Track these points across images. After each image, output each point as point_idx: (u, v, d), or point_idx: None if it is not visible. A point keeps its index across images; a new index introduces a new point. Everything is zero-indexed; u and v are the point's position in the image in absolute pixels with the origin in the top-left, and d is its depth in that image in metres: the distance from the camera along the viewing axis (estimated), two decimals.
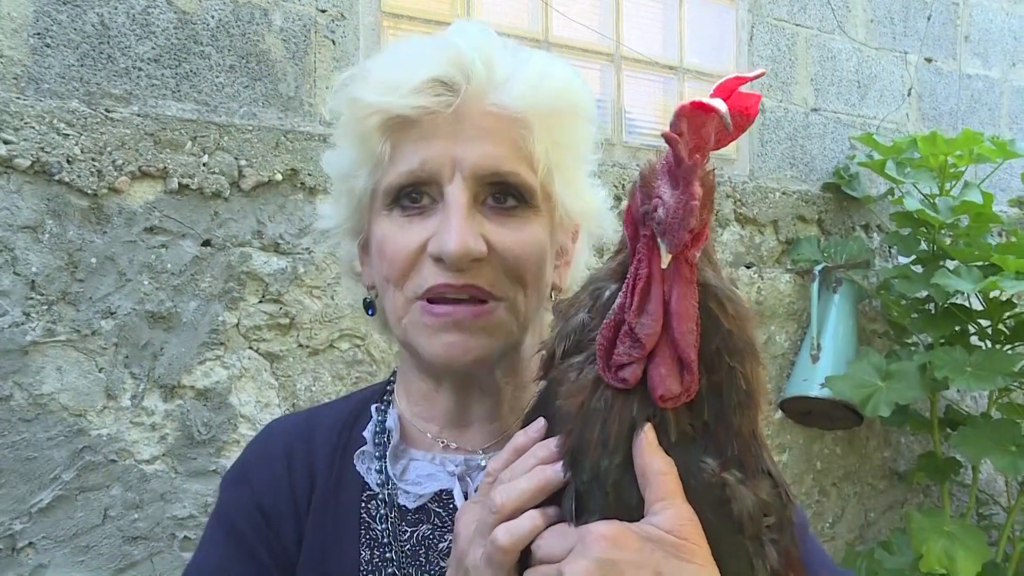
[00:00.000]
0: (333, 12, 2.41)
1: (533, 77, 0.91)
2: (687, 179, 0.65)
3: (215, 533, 0.99)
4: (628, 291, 0.71)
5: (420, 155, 0.88)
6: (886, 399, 2.95)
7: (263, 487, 0.98)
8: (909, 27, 3.89)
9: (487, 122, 0.89)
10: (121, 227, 2.07)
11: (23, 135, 1.96)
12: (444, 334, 0.88)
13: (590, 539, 0.68)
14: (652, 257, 0.70)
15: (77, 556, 2.05)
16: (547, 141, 0.92)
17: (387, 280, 0.91)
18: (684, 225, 0.65)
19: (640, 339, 0.70)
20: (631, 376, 0.70)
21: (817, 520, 3.55)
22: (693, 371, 0.70)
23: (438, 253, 0.86)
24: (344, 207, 0.98)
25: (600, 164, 3.14)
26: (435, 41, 0.93)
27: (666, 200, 0.66)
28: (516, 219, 0.91)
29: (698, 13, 3.29)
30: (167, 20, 2.15)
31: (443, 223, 0.87)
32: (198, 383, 2.19)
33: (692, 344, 0.70)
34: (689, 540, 0.69)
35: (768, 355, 3.40)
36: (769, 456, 0.76)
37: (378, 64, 0.92)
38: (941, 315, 3.24)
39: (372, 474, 0.97)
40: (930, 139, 3.19)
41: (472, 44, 0.90)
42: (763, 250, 3.37)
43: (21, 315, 1.96)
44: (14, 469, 1.97)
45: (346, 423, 1.02)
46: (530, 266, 0.91)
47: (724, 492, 0.70)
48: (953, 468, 3.38)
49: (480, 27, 0.95)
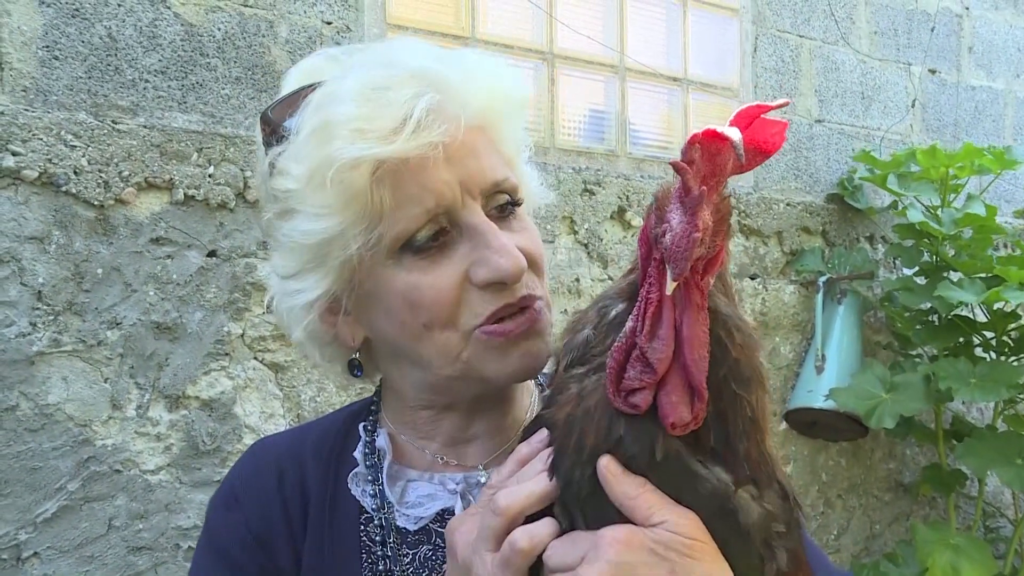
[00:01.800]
0: (338, 24, 2.43)
1: (486, 80, 0.89)
2: (692, 209, 0.65)
3: (207, 560, 0.96)
4: (639, 315, 0.71)
5: (430, 192, 0.83)
6: (890, 411, 2.95)
7: (254, 511, 0.95)
8: (913, 39, 3.90)
9: (468, 137, 0.86)
10: (127, 238, 2.08)
11: (31, 147, 1.97)
12: (516, 348, 0.87)
13: (603, 543, 0.69)
14: (662, 281, 0.69)
15: (82, 566, 2.05)
16: (510, 139, 0.92)
17: (427, 326, 0.86)
18: (686, 255, 0.64)
19: (652, 364, 0.69)
20: (642, 402, 0.70)
21: (822, 532, 3.54)
22: (704, 398, 0.69)
23: (496, 278, 0.84)
24: (325, 276, 0.88)
25: (604, 175, 3.14)
26: (387, 69, 0.86)
27: (674, 226, 0.65)
28: (518, 220, 0.92)
29: (702, 25, 3.30)
30: (174, 33, 2.16)
31: (482, 248, 0.85)
32: (203, 393, 2.19)
33: (704, 371, 0.69)
34: (698, 539, 0.69)
35: (772, 366, 3.40)
36: (779, 467, 0.76)
37: (342, 115, 0.82)
38: (945, 327, 3.25)
39: (367, 497, 0.94)
40: (930, 152, 3.19)
41: (426, 58, 0.88)
42: (767, 261, 3.38)
43: (28, 325, 1.98)
44: (20, 479, 1.98)
45: (335, 442, 0.99)
46: (543, 260, 0.93)
47: (729, 502, 0.70)
48: (959, 480, 3.37)
49: (413, 41, 0.93)
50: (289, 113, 0.88)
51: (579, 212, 2.87)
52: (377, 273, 0.87)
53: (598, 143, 3.06)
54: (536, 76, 2.92)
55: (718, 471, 0.71)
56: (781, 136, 0.70)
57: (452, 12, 2.74)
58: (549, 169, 2.81)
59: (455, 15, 2.74)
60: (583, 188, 2.89)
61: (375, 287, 0.88)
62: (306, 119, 0.85)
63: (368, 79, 0.84)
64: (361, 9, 2.48)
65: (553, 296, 2.78)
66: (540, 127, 2.90)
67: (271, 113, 0.90)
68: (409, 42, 0.94)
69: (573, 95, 3.01)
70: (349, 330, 0.93)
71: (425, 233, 0.85)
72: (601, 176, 2.95)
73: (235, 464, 1.03)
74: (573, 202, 2.86)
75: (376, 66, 0.87)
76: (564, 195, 2.83)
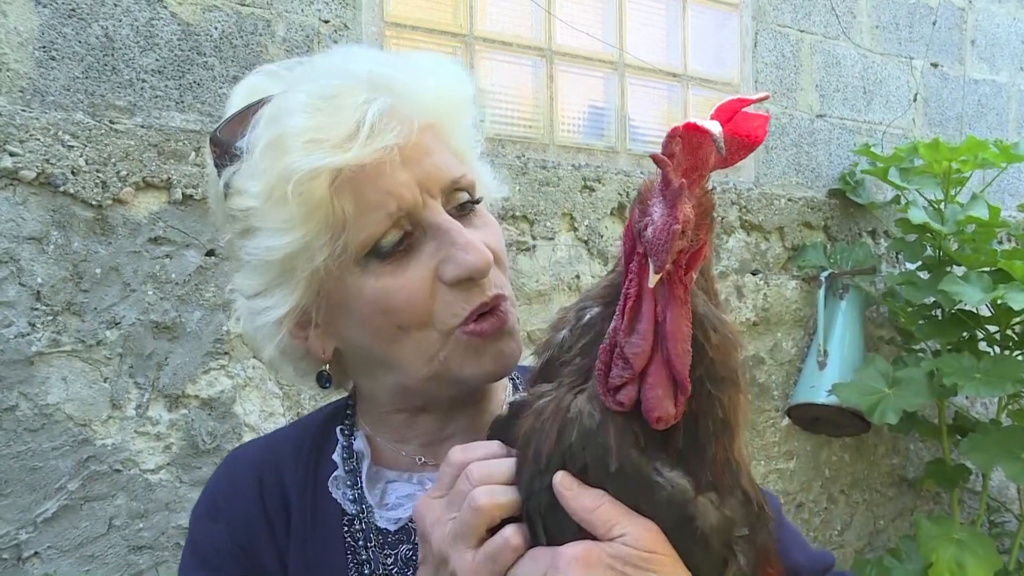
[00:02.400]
0: (336, 22, 2.42)
1: (431, 77, 0.90)
2: (673, 201, 0.65)
3: (193, 571, 0.96)
4: (620, 311, 0.71)
5: (390, 196, 0.83)
6: (893, 406, 2.94)
7: (238, 521, 0.95)
8: (915, 32, 3.88)
9: (421, 137, 0.86)
10: (125, 238, 2.08)
11: (28, 147, 1.97)
12: (491, 348, 0.87)
13: (562, 561, 0.69)
14: (643, 276, 0.70)
15: (83, 565, 2.05)
16: (461, 135, 0.93)
17: (402, 328, 0.86)
18: (667, 247, 0.64)
19: (628, 359, 0.69)
20: (626, 398, 0.69)
21: (825, 527, 3.53)
22: (687, 391, 0.69)
23: (465, 274, 0.84)
24: (293, 291, 0.87)
25: (604, 171, 3.13)
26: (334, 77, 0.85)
27: (655, 220, 0.65)
28: (478, 216, 0.92)
29: (702, 20, 3.29)
30: (171, 32, 2.16)
31: (448, 246, 0.85)
32: (203, 392, 2.19)
33: (687, 365, 0.69)
34: (657, 552, 0.69)
35: (775, 362, 3.39)
36: (747, 475, 0.76)
37: (294, 128, 0.81)
38: (948, 321, 3.23)
39: (347, 501, 0.94)
40: (932, 146, 3.17)
41: (371, 62, 0.87)
42: (769, 257, 3.37)
43: (26, 325, 1.98)
44: (20, 479, 1.98)
45: (312, 447, 0.99)
46: (505, 256, 0.93)
47: (687, 509, 0.70)
48: (962, 475, 3.35)
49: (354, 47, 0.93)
50: (240, 132, 0.87)
51: (579, 209, 2.86)
52: (345, 282, 0.86)
53: (598, 139, 3.06)
54: (535, 73, 2.91)
55: (675, 477, 0.70)
56: (763, 129, 0.70)
57: (451, 9, 2.73)
58: (548, 166, 2.80)
59: (453, 12, 2.73)
60: (583, 185, 2.88)
61: (344, 297, 0.87)
62: (258, 135, 0.84)
63: (317, 89, 0.84)
64: (359, 7, 2.47)
65: (553, 293, 2.78)
66: (539, 124, 2.90)
67: (219, 134, 0.89)
68: (350, 49, 0.93)
69: (572, 92, 3.00)
70: (320, 343, 0.92)
71: (390, 239, 0.85)
72: (601, 173, 2.94)
73: (212, 475, 1.02)
74: (573, 199, 2.85)
75: (322, 76, 0.86)
76: (564, 192, 2.83)
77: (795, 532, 1.05)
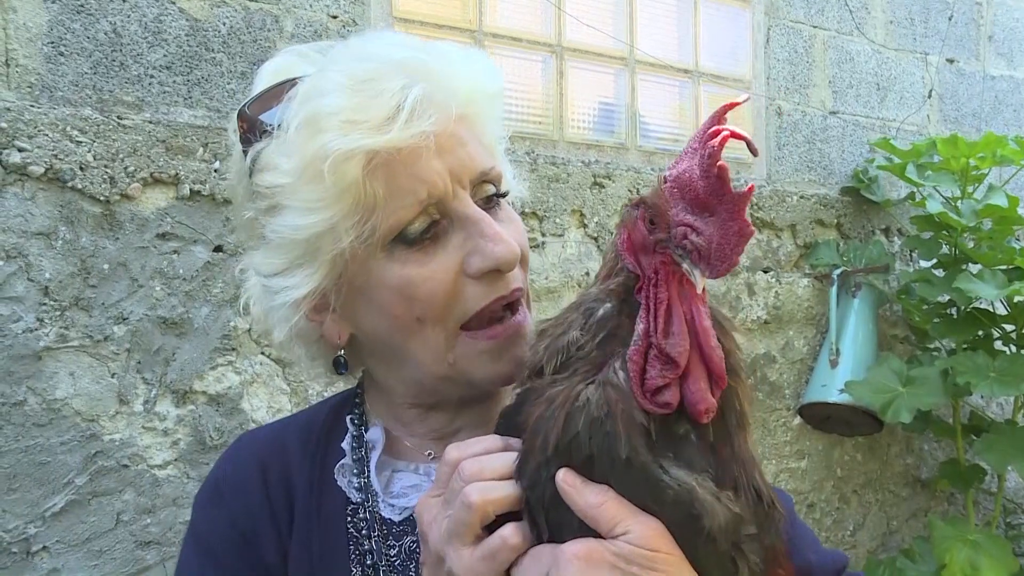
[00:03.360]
0: (344, 18, 2.42)
1: (466, 67, 0.89)
2: (739, 207, 0.68)
3: (193, 558, 0.96)
4: (650, 316, 0.72)
5: (422, 183, 0.83)
6: (907, 405, 2.91)
7: (239, 507, 0.94)
8: (930, 28, 3.84)
9: (455, 127, 0.86)
10: (133, 233, 2.09)
11: (37, 143, 1.98)
12: (505, 354, 0.87)
13: (563, 560, 0.68)
14: (671, 281, 0.72)
15: (90, 560, 2.06)
16: (492, 129, 0.93)
17: (420, 320, 0.85)
18: (735, 252, 0.68)
19: (673, 358, 0.71)
20: (672, 398, 0.71)
21: (837, 528, 3.50)
22: (724, 383, 0.72)
23: (492, 265, 0.84)
24: (315, 271, 0.86)
25: (614, 168, 3.11)
26: (371, 61, 0.85)
27: (702, 229, 0.68)
28: (504, 211, 0.91)
29: (713, 16, 3.27)
30: (179, 28, 2.16)
31: (476, 238, 0.84)
32: (210, 388, 2.19)
33: (721, 357, 0.72)
34: (661, 551, 0.68)
35: (786, 360, 3.36)
36: (760, 471, 0.76)
37: (332, 107, 0.81)
38: (963, 319, 3.19)
39: (352, 489, 0.94)
40: (951, 141, 3.14)
41: (408, 48, 0.87)
42: (781, 254, 3.34)
43: (35, 321, 1.98)
44: (28, 473, 1.99)
45: (320, 435, 0.99)
46: (528, 251, 0.93)
47: (693, 507, 0.69)
48: (977, 476, 3.32)
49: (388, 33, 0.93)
50: (270, 109, 0.86)
51: (589, 205, 2.85)
52: (369, 267, 0.85)
53: (608, 136, 3.04)
54: (544, 69, 2.90)
55: (681, 475, 0.70)
56: None
57: (459, 5, 2.72)
58: (558, 162, 2.79)
59: (462, 8, 2.72)
60: (593, 181, 2.86)
61: (366, 282, 0.86)
62: (293, 113, 0.83)
63: (353, 71, 0.83)
64: (367, 3, 2.47)
65: (563, 290, 2.77)
66: (549, 120, 2.89)
67: (248, 110, 0.89)
68: (383, 34, 0.94)
69: (582, 88, 2.98)
70: (336, 327, 0.91)
71: (418, 225, 0.84)
72: (611, 169, 2.92)
73: (218, 460, 1.02)
74: (583, 195, 2.84)
75: (358, 59, 0.86)
76: (574, 188, 2.81)
77: (807, 531, 1.03)
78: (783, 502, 0.97)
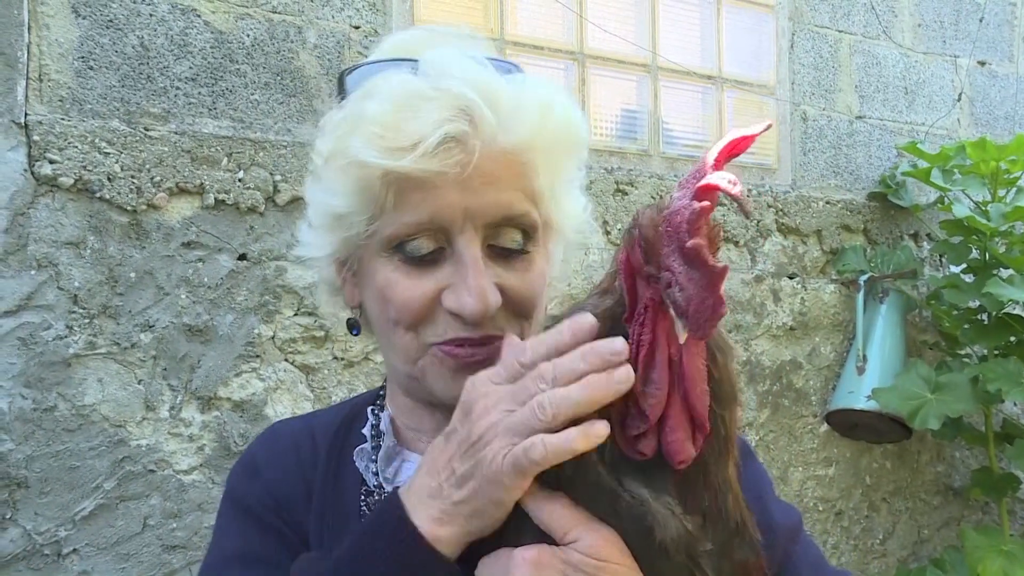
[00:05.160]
0: (367, 28, 2.45)
1: (535, 111, 0.87)
2: (715, 281, 0.63)
3: (231, 522, 0.98)
4: (631, 359, 0.69)
5: (429, 208, 0.84)
6: (935, 412, 2.87)
7: (276, 479, 0.97)
8: (960, 30, 3.79)
9: (494, 167, 0.85)
10: (159, 242, 2.13)
11: (67, 155, 2.03)
12: (464, 375, 0.86)
13: (514, 564, 0.70)
14: (657, 321, 0.69)
15: (118, 563, 2.10)
16: (550, 174, 0.90)
17: (395, 323, 0.89)
18: (708, 325, 0.64)
19: (644, 411, 0.69)
20: (647, 449, 0.69)
21: (867, 536, 3.46)
22: (706, 430, 0.69)
23: (458, 312, 0.84)
24: (333, 240, 0.92)
25: (637, 175, 3.11)
26: (432, 81, 0.85)
27: (684, 285, 0.64)
28: (522, 260, 0.90)
29: (737, 21, 3.26)
30: (204, 40, 2.21)
31: (459, 279, 0.85)
32: (235, 395, 2.23)
33: (706, 404, 0.69)
34: (610, 561, 0.69)
35: (813, 367, 3.33)
36: (734, 494, 0.75)
37: (372, 114, 0.84)
38: (994, 325, 3.15)
39: (369, 473, 0.96)
40: (979, 145, 3.10)
41: (472, 83, 0.85)
42: (806, 260, 3.31)
43: (64, 328, 2.03)
44: (59, 478, 2.04)
45: (344, 423, 1.02)
46: (536, 302, 0.91)
47: (645, 520, 0.69)
48: (1011, 484, 3.26)
49: (464, 54, 0.89)
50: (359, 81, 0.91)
51: (612, 213, 2.85)
52: (371, 258, 0.90)
53: (631, 143, 3.04)
54: (567, 76, 2.91)
55: (635, 487, 0.70)
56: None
57: (481, 14, 2.74)
58: None
59: (484, 17, 2.74)
60: (615, 188, 2.87)
61: (366, 270, 0.92)
62: (352, 100, 0.88)
63: (411, 86, 0.85)
64: (389, 13, 2.50)
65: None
66: None
67: (347, 74, 0.94)
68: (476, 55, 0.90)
69: (605, 95, 2.99)
70: (351, 290, 0.97)
71: (419, 245, 0.86)
72: (634, 176, 2.92)
73: (255, 439, 1.06)
74: (606, 203, 2.84)
75: (424, 74, 0.86)
76: (596, 195, 2.81)
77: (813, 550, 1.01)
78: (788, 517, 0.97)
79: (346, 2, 2.42)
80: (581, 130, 0.94)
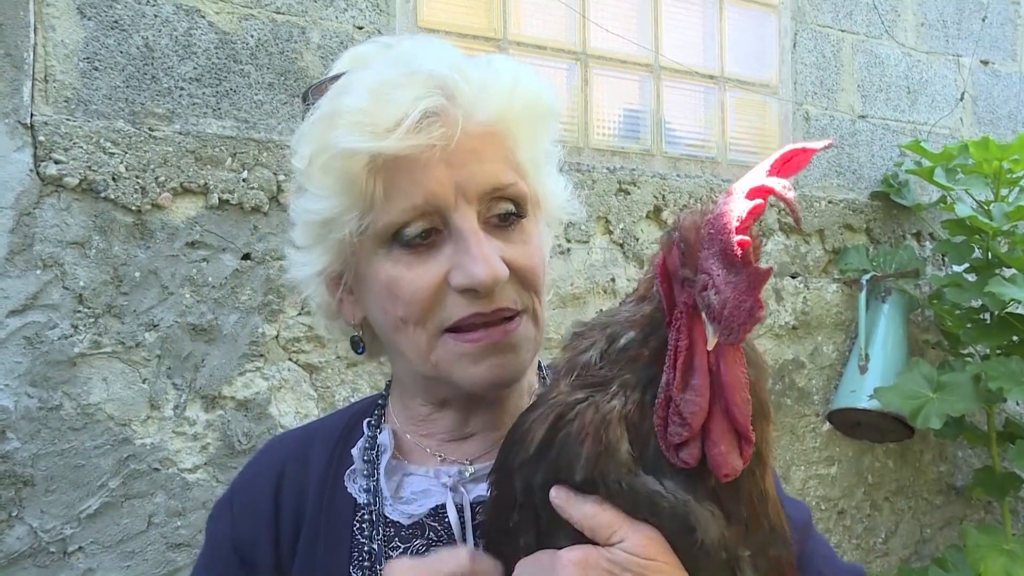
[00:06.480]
0: (370, 28, 2.46)
1: (506, 86, 0.90)
2: (756, 285, 0.62)
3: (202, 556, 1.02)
4: (670, 365, 0.69)
5: (421, 189, 0.85)
6: (937, 411, 2.87)
7: (243, 516, 0.98)
8: (963, 29, 3.79)
9: (476, 141, 0.87)
10: (164, 242, 2.14)
11: (72, 155, 2.04)
12: (486, 359, 0.88)
13: (560, 566, 0.70)
14: (693, 327, 0.68)
15: (123, 561, 2.11)
16: (528, 147, 0.92)
17: (403, 320, 0.88)
18: (743, 329, 0.63)
19: (686, 418, 0.68)
20: (690, 458, 0.69)
21: (869, 535, 3.46)
22: (752, 441, 0.68)
23: (468, 284, 0.85)
24: (325, 253, 0.92)
25: (639, 174, 3.11)
26: (403, 68, 0.87)
27: (721, 288, 0.63)
28: (519, 231, 0.91)
29: (739, 21, 3.26)
30: (208, 41, 2.22)
31: (462, 254, 0.85)
32: (239, 394, 2.24)
33: (748, 413, 0.68)
34: (657, 559, 0.69)
35: (815, 366, 3.33)
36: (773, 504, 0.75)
37: (350, 105, 0.85)
38: (996, 324, 3.15)
39: (361, 492, 0.96)
40: (982, 144, 3.10)
41: (444, 63, 0.88)
42: (809, 260, 3.32)
43: (70, 327, 2.04)
44: (64, 476, 2.05)
45: (339, 441, 1.01)
46: (540, 274, 0.92)
47: (688, 520, 0.70)
48: (1013, 484, 3.26)
49: (432, 39, 0.93)
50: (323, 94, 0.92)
51: (614, 212, 2.86)
52: (368, 259, 0.90)
53: (633, 142, 3.04)
54: (569, 77, 2.91)
55: (676, 489, 0.70)
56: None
57: (484, 14, 2.75)
58: (583, 169, 2.80)
59: (487, 17, 2.75)
60: (618, 188, 2.87)
61: (366, 273, 0.91)
62: (323, 104, 0.89)
63: (384, 76, 0.87)
64: (392, 13, 2.51)
65: (588, 296, 2.77)
66: (574, 127, 2.90)
67: (310, 93, 0.95)
68: (434, 44, 0.94)
69: (607, 95, 2.99)
70: (350, 308, 0.96)
71: (413, 229, 0.86)
72: (636, 175, 2.93)
73: (249, 460, 1.06)
74: (608, 202, 2.84)
75: (392, 64, 0.89)
76: (599, 195, 2.82)
77: (823, 545, 1.03)
78: (799, 513, 0.97)
79: (350, 3, 2.43)
80: (550, 99, 0.96)
